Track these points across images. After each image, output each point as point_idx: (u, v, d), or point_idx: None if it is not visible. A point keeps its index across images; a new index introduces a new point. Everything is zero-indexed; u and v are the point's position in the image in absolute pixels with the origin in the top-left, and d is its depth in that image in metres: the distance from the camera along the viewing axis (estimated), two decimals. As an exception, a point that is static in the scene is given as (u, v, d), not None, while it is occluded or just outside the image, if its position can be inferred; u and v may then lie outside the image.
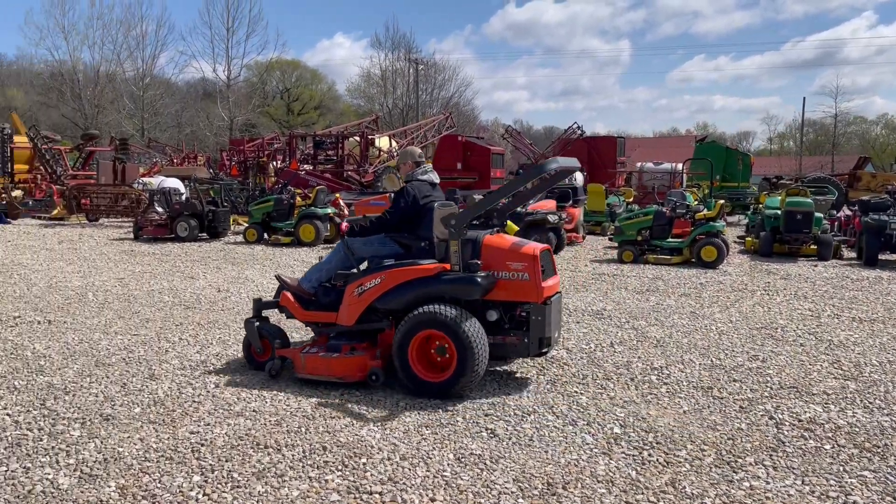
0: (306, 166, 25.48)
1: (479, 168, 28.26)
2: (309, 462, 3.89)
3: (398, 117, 55.14)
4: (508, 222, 6.11)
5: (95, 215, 20.57)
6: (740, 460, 3.97)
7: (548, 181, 5.47)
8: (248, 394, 4.97)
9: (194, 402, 4.81)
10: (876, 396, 5.09)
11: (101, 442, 4.12)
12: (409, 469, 3.82)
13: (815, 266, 12.17)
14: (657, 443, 4.21)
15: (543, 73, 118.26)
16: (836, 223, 16.26)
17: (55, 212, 21.17)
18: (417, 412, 4.66)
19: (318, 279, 5.59)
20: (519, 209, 13.74)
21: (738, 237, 16.73)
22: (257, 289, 9.39)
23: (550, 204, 14.52)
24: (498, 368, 5.66)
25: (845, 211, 20.05)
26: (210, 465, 3.84)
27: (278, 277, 5.80)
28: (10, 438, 4.15)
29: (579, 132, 26.65)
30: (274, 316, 6.07)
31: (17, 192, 24.33)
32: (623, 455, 4.03)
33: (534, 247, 5.10)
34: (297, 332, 6.60)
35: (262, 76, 64.66)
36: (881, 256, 12.52)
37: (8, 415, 4.53)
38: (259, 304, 5.75)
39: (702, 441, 4.24)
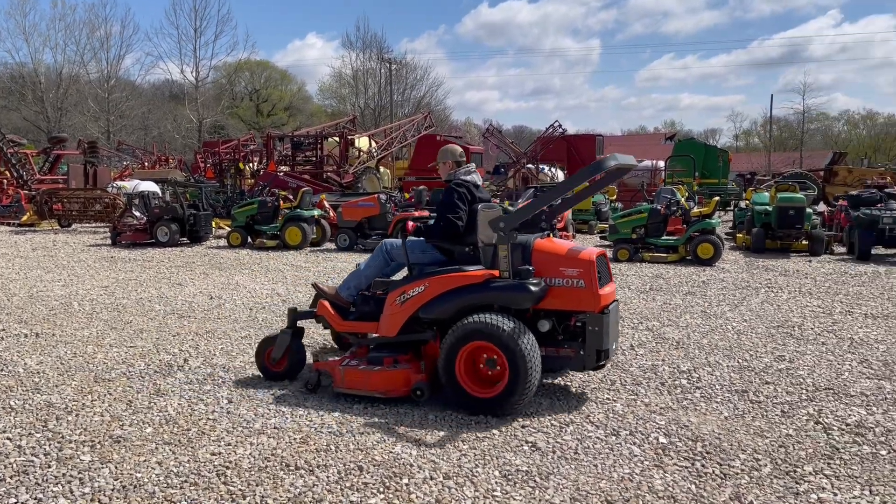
0: (284, 168, 25.00)
1: (459, 167, 28.00)
2: (347, 484, 3.61)
3: (370, 117, 54.72)
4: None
5: (68, 220, 19.92)
6: (799, 470, 3.79)
7: (601, 180, 5.13)
8: (265, 409, 4.67)
9: (209, 419, 4.50)
10: (915, 397, 4.97)
11: (116, 467, 3.79)
12: (457, 489, 3.57)
13: (810, 261, 12.16)
14: (707, 452, 4.02)
15: (515, 73, 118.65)
16: (818, 218, 16.32)
17: (25, 217, 20.43)
18: (448, 425, 4.41)
19: (356, 287, 5.25)
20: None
21: (727, 234, 16.74)
22: (250, 295, 9.04)
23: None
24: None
25: (825, 206, 20.19)
26: (240, 490, 3.55)
27: (315, 286, 5.49)
28: (15, 465, 3.80)
29: (560, 131, 26.57)
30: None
31: (-18, 198, 23.50)
32: (676, 467, 3.83)
33: (590, 251, 4.72)
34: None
35: (230, 77, 63.74)
36: (872, 251, 12.57)
37: (9, 438, 4.16)
38: (295, 315, 5.37)
39: (753, 449, 4.05)
